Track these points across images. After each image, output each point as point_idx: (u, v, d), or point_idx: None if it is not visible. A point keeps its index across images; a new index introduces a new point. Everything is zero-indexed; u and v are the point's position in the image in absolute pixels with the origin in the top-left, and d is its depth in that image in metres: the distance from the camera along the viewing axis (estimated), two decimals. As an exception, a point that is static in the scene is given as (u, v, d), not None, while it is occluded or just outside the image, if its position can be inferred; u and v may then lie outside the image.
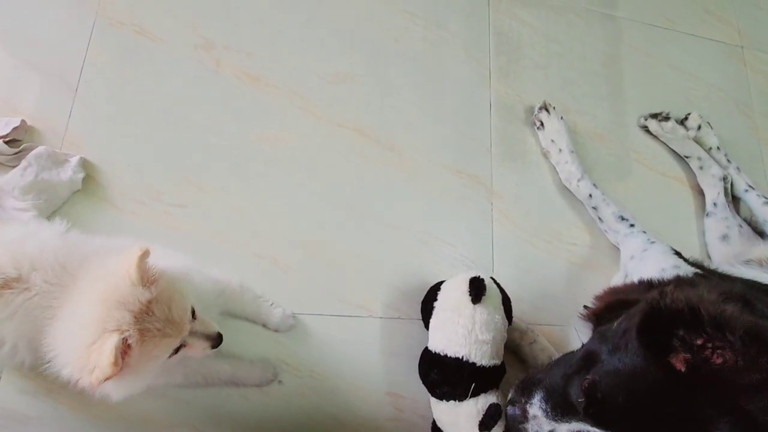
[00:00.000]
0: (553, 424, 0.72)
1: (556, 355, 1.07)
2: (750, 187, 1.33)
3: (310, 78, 1.20)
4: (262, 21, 1.22)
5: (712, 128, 1.39)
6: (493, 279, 1.00)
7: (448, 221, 1.17)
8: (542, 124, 1.28)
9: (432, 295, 0.99)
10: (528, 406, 0.76)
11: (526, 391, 0.79)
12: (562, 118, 1.27)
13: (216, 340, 0.72)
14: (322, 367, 1.01)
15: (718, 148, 1.38)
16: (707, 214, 1.31)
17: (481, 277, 0.94)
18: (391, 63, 1.27)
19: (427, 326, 0.99)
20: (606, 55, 1.45)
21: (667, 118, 1.36)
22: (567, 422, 0.71)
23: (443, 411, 0.93)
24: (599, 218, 1.22)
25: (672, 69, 1.50)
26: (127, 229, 1.00)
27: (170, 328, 0.62)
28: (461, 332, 0.90)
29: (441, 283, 1.00)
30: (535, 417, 0.75)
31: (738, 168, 1.36)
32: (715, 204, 1.30)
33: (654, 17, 1.54)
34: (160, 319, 0.61)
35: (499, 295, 0.97)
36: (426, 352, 0.96)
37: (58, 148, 1.01)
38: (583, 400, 0.69)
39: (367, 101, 1.22)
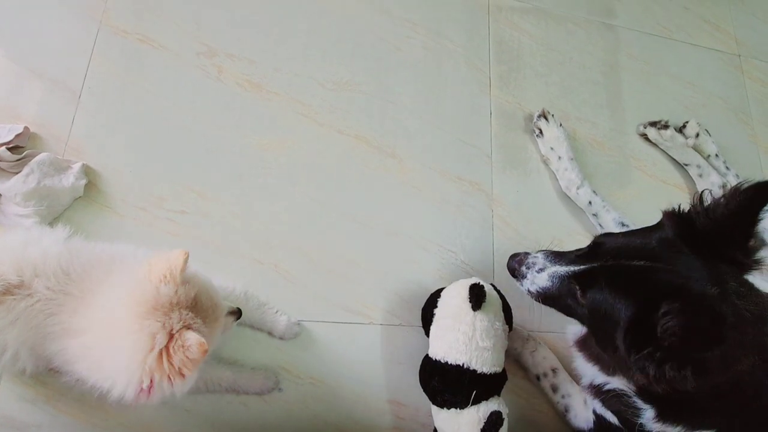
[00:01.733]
0: (547, 264, 0.85)
1: (559, 365, 1.07)
2: (749, 194, 1.33)
3: (311, 85, 1.21)
4: (264, 29, 1.23)
5: (710, 136, 1.40)
6: (493, 286, 1.00)
7: (448, 228, 1.18)
8: (541, 131, 1.28)
9: (432, 302, 0.99)
10: (529, 256, 0.89)
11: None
12: (561, 125, 1.28)
13: (238, 313, 0.79)
14: (322, 375, 1.01)
15: (717, 155, 1.38)
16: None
17: (481, 283, 0.94)
18: (392, 71, 1.28)
19: (427, 333, 0.99)
20: (605, 63, 1.46)
21: (666, 126, 1.36)
22: (560, 265, 0.83)
23: (444, 419, 0.92)
24: (600, 225, 1.22)
25: (670, 77, 1.51)
26: (128, 235, 1.00)
27: (216, 311, 0.69)
28: (462, 339, 0.90)
29: (441, 290, 1.00)
30: (535, 258, 0.88)
31: (737, 175, 1.36)
32: (714, 211, 1.31)
33: (652, 26, 1.56)
34: (208, 306, 0.67)
35: (500, 302, 0.97)
36: (427, 359, 0.96)
37: (60, 155, 1.02)
38: (584, 252, 0.81)
39: (368, 109, 1.23)
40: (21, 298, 0.65)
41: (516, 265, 0.90)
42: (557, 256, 0.86)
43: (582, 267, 0.79)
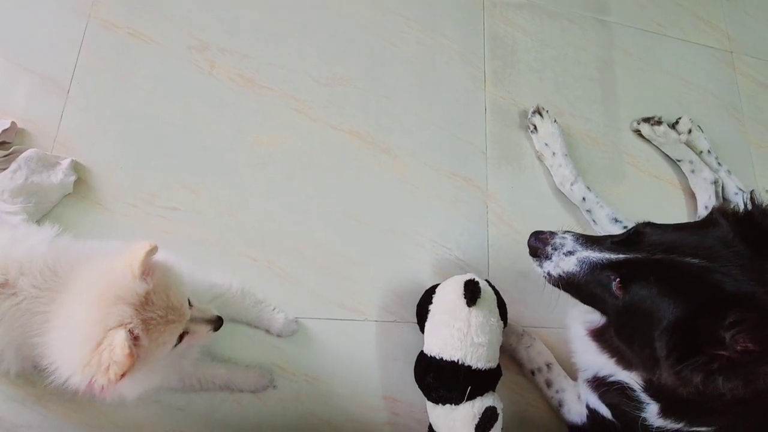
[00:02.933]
0: (577, 247, 0.77)
1: (553, 360, 1.07)
2: (740, 190, 1.34)
3: (305, 80, 1.20)
4: (257, 23, 1.22)
5: (702, 132, 1.41)
6: (488, 281, 1.00)
7: (443, 224, 1.17)
8: (536, 127, 1.28)
9: (427, 298, 0.99)
10: (556, 235, 0.81)
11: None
12: (555, 121, 1.28)
13: (216, 322, 0.73)
14: (317, 372, 1.01)
15: (709, 151, 1.39)
16: (699, 217, 1.32)
17: (476, 279, 0.94)
18: (386, 66, 1.27)
19: (422, 329, 0.99)
20: (599, 59, 1.47)
21: (659, 122, 1.37)
22: (592, 250, 0.75)
23: (439, 415, 0.92)
24: (593, 221, 1.22)
25: (663, 73, 1.52)
26: (119, 232, 0.99)
27: (172, 314, 0.63)
28: (456, 335, 0.90)
29: (436, 286, 1.00)
30: (563, 239, 0.80)
31: (729, 171, 1.38)
32: (706, 207, 1.31)
33: (646, 23, 1.56)
34: (161, 307, 0.62)
35: (494, 298, 0.97)
36: (422, 355, 0.96)
37: (49, 151, 1.00)
38: (622, 239, 0.74)
39: (362, 104, 1.22)
40: (5, 297, 0.64)
41: (540, 245, 0.82)
42: (589, 240, 0.78)
43: (623, 256, 0.72)
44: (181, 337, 0.67)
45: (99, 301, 0.59)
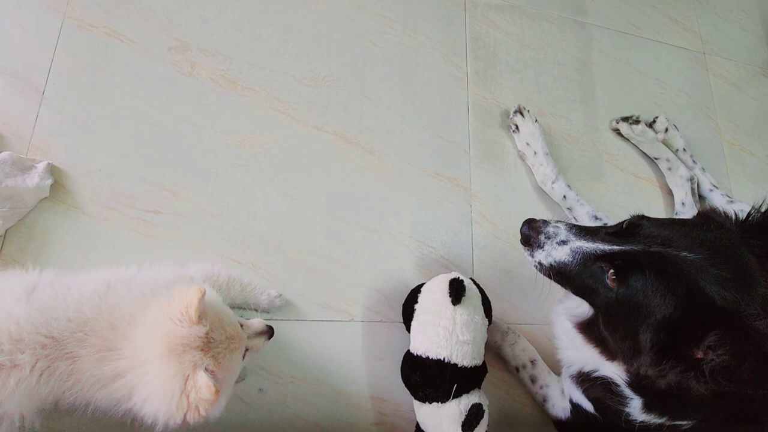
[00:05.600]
0: (570, 237, 0.76)
1: (538, 356, 1.09)
2: (714, 186, 1.39)
3: (288, 81, 1.19)
4: (238, 23, 1.21)
5: (678, 131, 1.45)
6: (472, 280, 1.01)
7: (427, 223, 1.18)
8: (517, 127, 1.30)
9: (412, 297, 1.00)
10: (549, 224, 0.80)
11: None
12: (536, 121, 1.30)
13: (269, 332, 0.80)
14: (303, 374, 1.00)
15: (685, 149, 1.43)
16: (676, 214, 1.36)
17: (461, 278, 0.95)
18: (369, 67, 1.27)
19: (408, 329, 0.99)
20: (578, 60, 1.50)
21: (637, 122, 1.40)
22: (585, 241, 0.74)
23: (426, 413, 0.93)
24: (574, 218, 1.24)
25: (640, 74, 1.56)
26: (98, 237, 0.97)
27: (233, 343, 0.70)
28: (442, 334, 0.90)
29: (421, 285, 1.00)
30: (556, 228, 0.79)
31: (703, 168, 1.42)
32: (683, 204, 1.35)
33: (622, 24, 1.60)
34: (222, 340, 0.68)
35: (479, 296, 0.98)
36: (408, 355, 0.96)
37: (24, 154, 0.97)
38: (617, 230, 0.73)
39: (345, 105, 1.22)
40: (8, 370, 0.62)
41: (532, 233, 0.81)
42: (582, 231, 0.77)
43: (617, 248, 0.71)
44: (243, 356, 0.74)
45: (170, 355, 0.63)
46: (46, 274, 0.72)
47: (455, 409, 0.89)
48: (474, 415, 0.89)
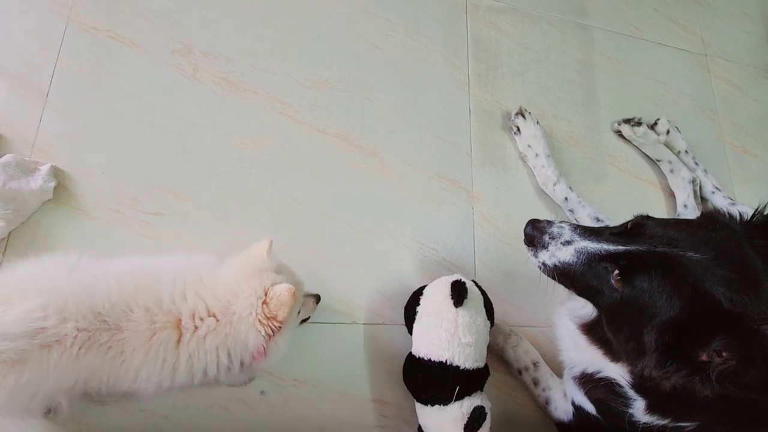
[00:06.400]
0: (575, 237, 0.76)
1: (540, 359, 1.09)
2: (716, 188, 1.38)
3: (290, 84, 1.20)
4: (241, 26, 1.21)
5: (680, 132, 1.45)
6: (474, 282, 1.01)
7: (429, 225, 1.18)
8: (519, 129, 1.30)
9: (414, 299, 1.00)
10: (553, 225, 0.80)
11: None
12: (538, 123, 1.30)
13: (317, 297, 0.91)
14: (305, 376, 1.00)
15: (686, 151, 1.43)
16: (678, 216, 1.36)
17: (463, 280, 0.95)
18: (371, 69, 1.28)
19: (410, 331, 0.99)
20: (580, 62, 1.50)
21: (639, 123, 1.40)
22: (590, 241, 0.74)
23: (428, 415, 0.93)
24: (576, 220, 1.24)
25: (642, 76, 1.56)
26: (101, 239, 0.97)
27: (297, 286, 0.76)
28: (444, 336, 0.90)
29: (423, 287, 1.00)
30: (560, 228, 0.78)
31: (705, 170, 1.42)
32: (685, 206, 1.35)
33: (624, 27, 1.60)
34: (297, 281, 0.78)
35: (481, 298, 0.98)
36: (410, 357, 0.96)
37: (27, 156, 0.98)
38: (622, 230, 0.74)
39: (347, 107, 1.22)
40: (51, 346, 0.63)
41: (536, 234, 0.80)
42: (586, 231, 0.77)
43: (623, 248, 0.70)
44: (299, 311, 0.81)
45: (251, 276, 0.73)
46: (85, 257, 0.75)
47: (457, 412, 0.89)
48: (476, 417, 0.89)
